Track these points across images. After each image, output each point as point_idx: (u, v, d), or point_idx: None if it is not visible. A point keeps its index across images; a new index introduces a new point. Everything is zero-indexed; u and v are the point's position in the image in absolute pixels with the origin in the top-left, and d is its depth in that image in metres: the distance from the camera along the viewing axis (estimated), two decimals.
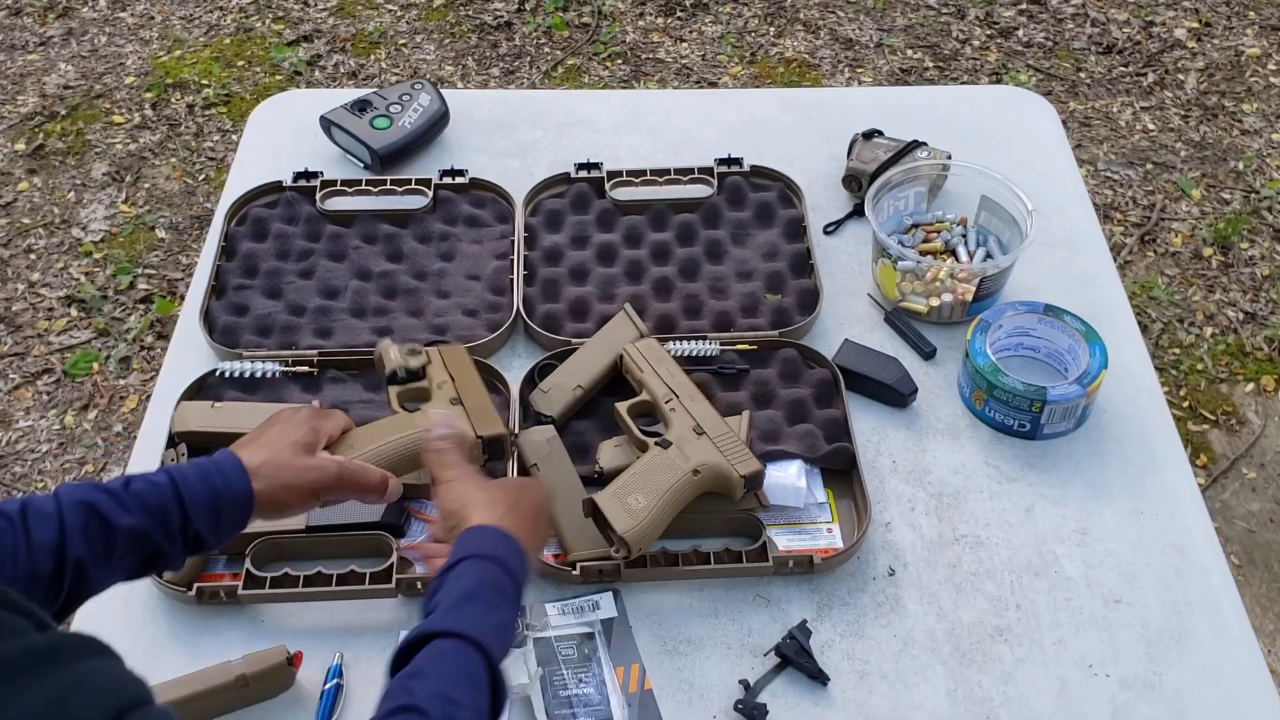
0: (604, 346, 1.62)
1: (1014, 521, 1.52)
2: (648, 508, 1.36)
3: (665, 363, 1.56)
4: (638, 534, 1.35)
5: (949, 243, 1.79)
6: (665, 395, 1.50)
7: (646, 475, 1.39)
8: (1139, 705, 1.35)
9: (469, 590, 1.07)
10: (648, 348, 1.59)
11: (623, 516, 1.35)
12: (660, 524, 1.37)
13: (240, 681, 1.28)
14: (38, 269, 3.24)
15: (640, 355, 1.57)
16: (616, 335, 1.63)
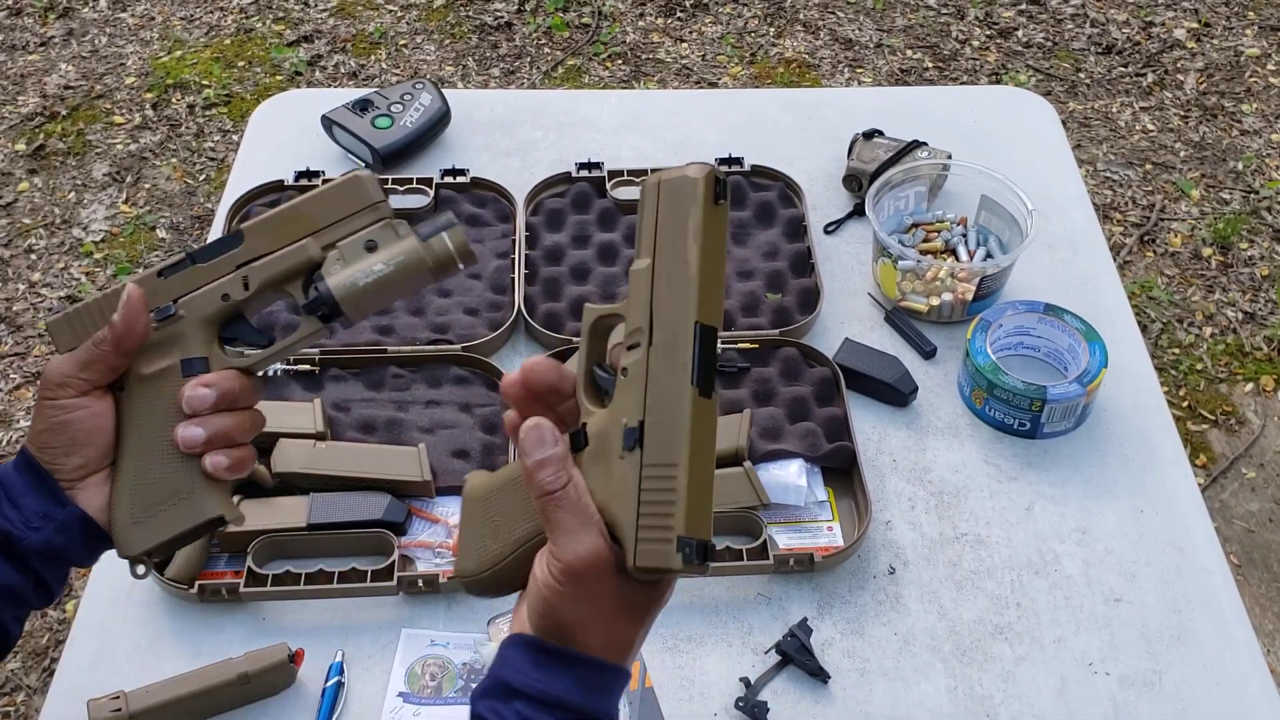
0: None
1: (1014, 520, 1.52)
2: (500, 553, 0.87)
3: (680, 288, 0.83)
4: (476, 580, 0.89)
5: (949, 242, 1.79)
6: (636, 324, 0.84)
7: (521, 504, 0.87)
8: (1139, 704, 1.35)
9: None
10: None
11: (468, 551, 0.89)
12: (508, 579, 0.88)
13: (242, 679, 1.29)
14: (38, 269, 3.25)
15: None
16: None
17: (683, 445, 0.80)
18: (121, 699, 1.26)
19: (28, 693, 2.43)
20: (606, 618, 0.81)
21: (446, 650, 1.37)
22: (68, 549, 0.97)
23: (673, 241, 0.83)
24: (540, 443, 0.83)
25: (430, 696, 1.33)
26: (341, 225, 0.98)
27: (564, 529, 0.80)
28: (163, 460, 0.97)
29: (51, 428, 0.96)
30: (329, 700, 1.32)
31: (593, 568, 0.79)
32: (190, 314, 0.98)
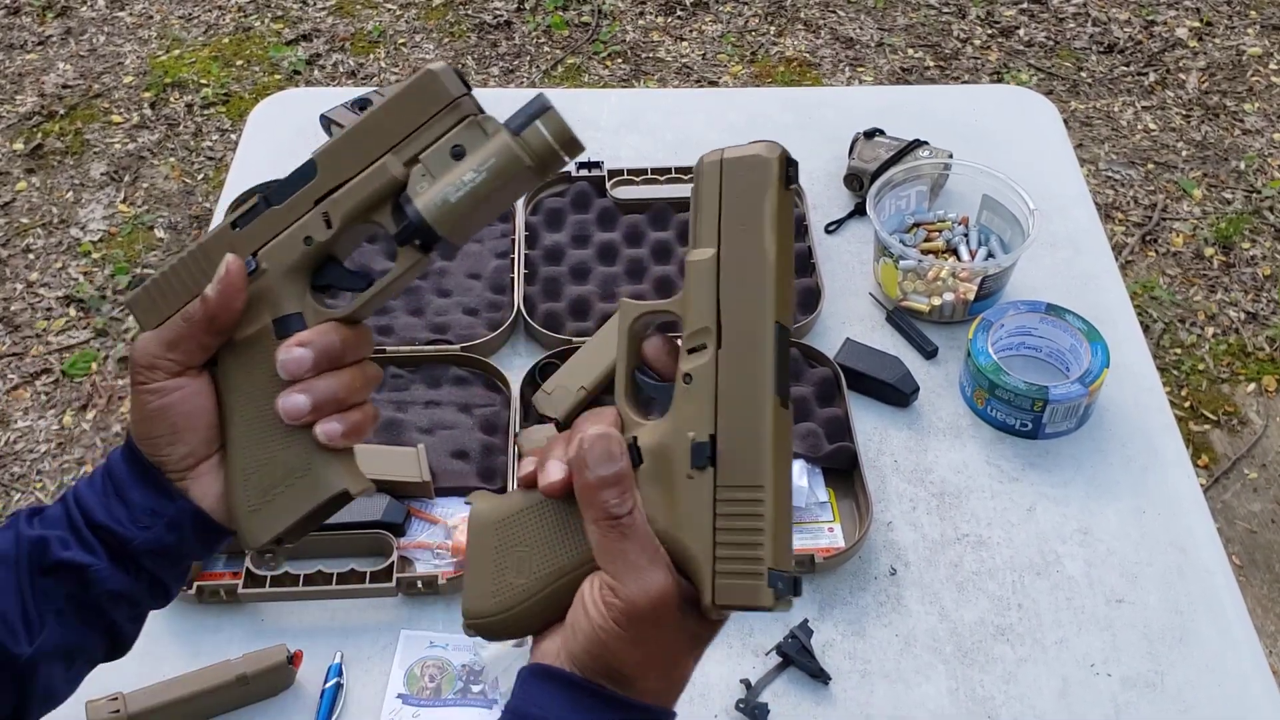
0: (605, 345, 1.61)
1: (1016, 521, 1.51)
2: (527, 589, 0.76)
3: (755, 283, 0.74)
4: (487, 623, 0.78)
5: (950, 242, 1.78)
6: (700, 324, 0.75)
7: (555, 530, 0.76)
8: (1141, 705, 1.35)
9: None
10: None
11: (482, 588, 0.78)
12: (531, 620, 0.77)
13: (240, 680, 1.28)
14: (36, 269, 3.24)
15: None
16: (616, 334, 1.62)
17: (767, 464, 0.70)
18: (120, 700, 1.26)
19: None
20: (666, 660, 0.72)
21: (445, 652, 1.37)
22: (180, 546, 0.87)
23: (743, 229, 0.73)
24: (608, 458, 0.71)
25: (429, 698, 1.33)
26: (422, 133, 0.82)
27: (629, 564, 0.70)
28: (272, 436, 0.84)
29: (149, 416, 0.84)
30: (328, 702, 1.32)
31: (660, 609, 0.70)
32: (273, 266, 0.84)
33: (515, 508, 0.77)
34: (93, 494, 0.86)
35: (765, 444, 0.70)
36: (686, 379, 0.73)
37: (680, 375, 0.74)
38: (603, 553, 0.71)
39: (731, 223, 0.74)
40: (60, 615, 0.84)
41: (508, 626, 0.77)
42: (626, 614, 0.70)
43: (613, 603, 0.70)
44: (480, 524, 0.78)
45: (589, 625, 0.71)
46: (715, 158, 0.76)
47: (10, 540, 0.85)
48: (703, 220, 0.75)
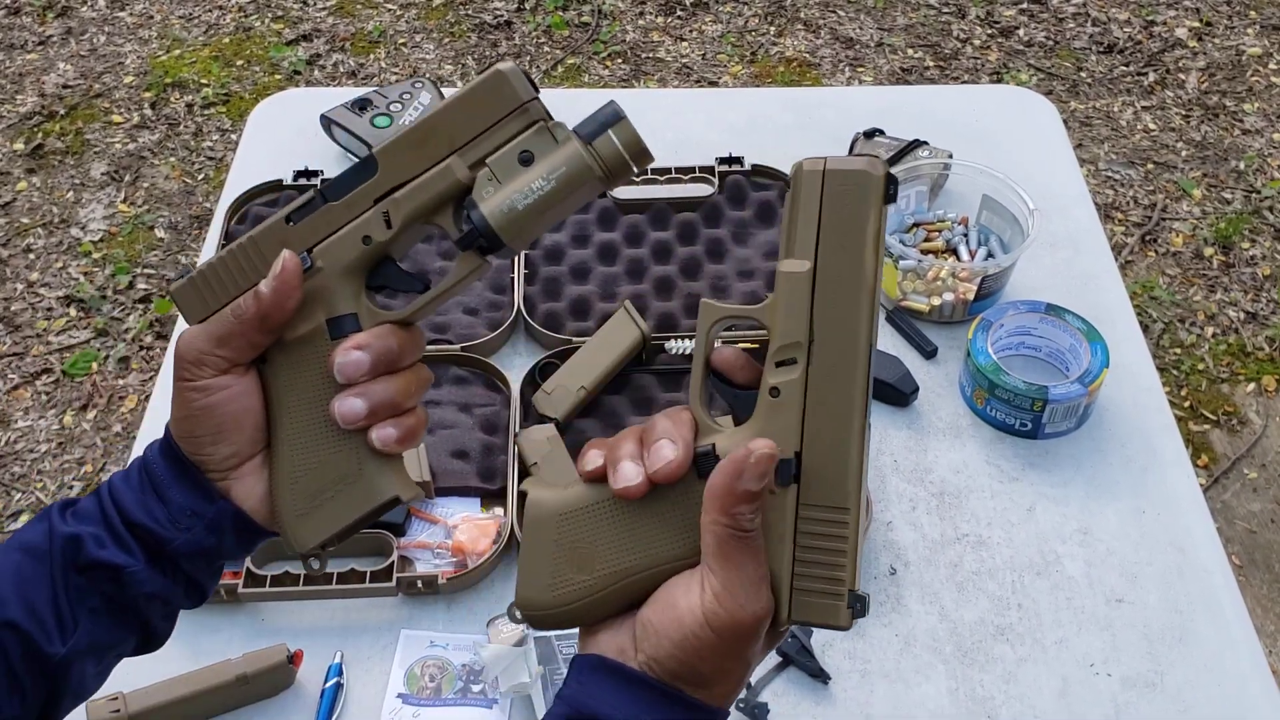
0: (605, 346, 1.61)
1: (1015, 521, 1.51)
2: (590, 586, 0.76)
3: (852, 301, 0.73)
4: (541, 615, 0.77)
5: (950, 242, 1.79)
6: (791, 337, 0.74)
7: (623, 531, 0.75)
8: (1140, 705, 1.35)
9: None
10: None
11: (539, 580, 0.77)
12: (587, 616, 0.77)
13: (240, 680, 1.28)
14: (37, 269, 3.24)
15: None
16: (616, 334, 1.62)
17: (854, 487, 0.71)
18: (120, 700, 1.26)
19: None
20: (742, 669, 0.73)
21: (446, 651, 1.37)
22: (219, 547, 0.85)
23: (843, 245, 0.72)
24: (762, 475, 0.70)
25: (429, 698, 1.33)
26: (489, 136, 0.80)
27: (744, 577, 0.70)
28: (322, 440, 0.82)
29: (193, 414, 0.82)
30: (328, 701, 1.32)
31: (760, 625, 0.71)
32: (329, 264, 0.82)
33: (580, 502, 0.76)
34: (129, 491, 0.84)
35: (853, 467, 0.71)
36: (774, 392, 0.73)
37: (766, 387, 0.73)
38: (721, 559, 0.70)
39: (831, 237, 0.72)
40: (94, 614, 0.83)
41: (560, 621, 0.76)
42: (730, 626, 0.70)
43: (717, 612, 0.70)
44: (541, 514, 0.77)
45: (681, 631, 0.71)
46: (816, 167, 0.73)
47: (43, 534, 0.83)
48: (799, 231, 0.73)
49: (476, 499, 1.50)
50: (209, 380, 0.81)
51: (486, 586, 1.43)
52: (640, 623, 0.73)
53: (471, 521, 1.45)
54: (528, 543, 0.77)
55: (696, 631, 0.70)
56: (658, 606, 0.73)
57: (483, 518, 1.47)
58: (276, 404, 0.83)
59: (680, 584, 0.72)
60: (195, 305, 0.84)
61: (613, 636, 0.75)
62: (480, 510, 1.49)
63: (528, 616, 0.77)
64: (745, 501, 0.70)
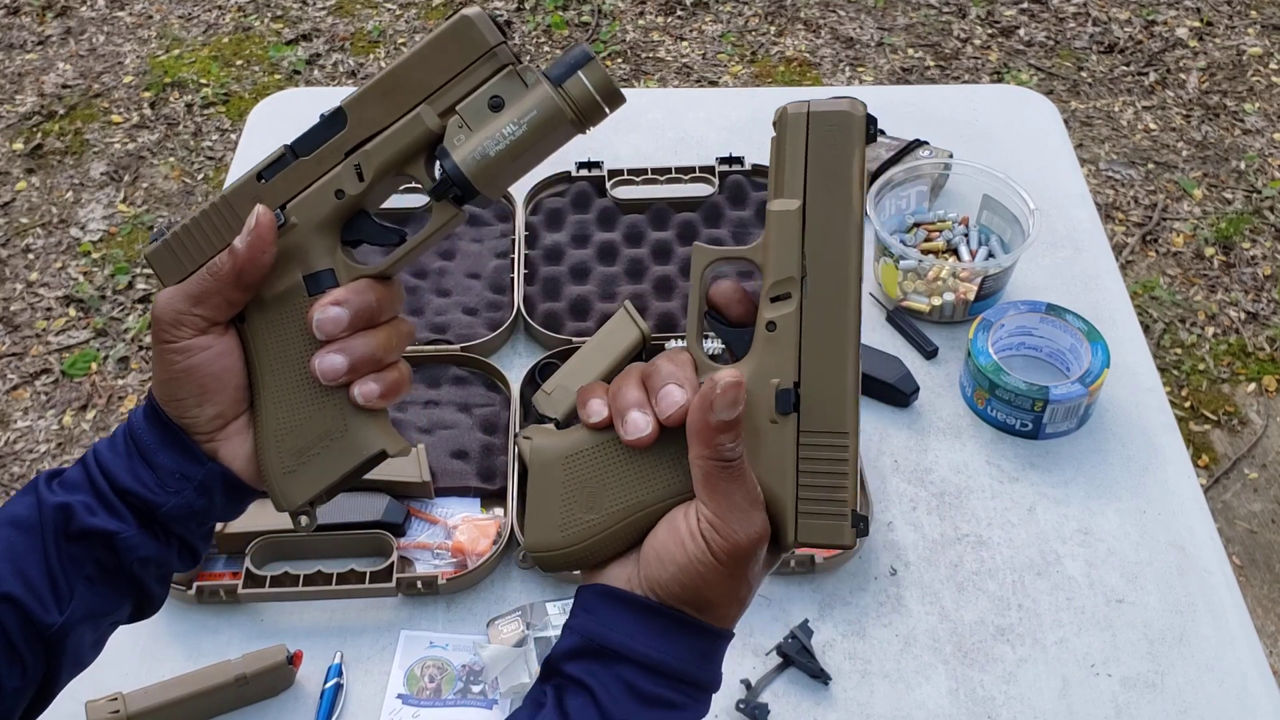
0: (605, 346, 1.61)
1: (1016, 521, 1.51)
2: (599, 524, 0.78)
3: (841, 235, 0.76)
4: (562, 554, 0.79)
5: (951, 242, 1.78)
6: (784, 273, 0.76)
7: (627, 468, 0.77)
8: (1141, 705, 1.35)
9: None
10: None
11: (549, 522, 0.79)
12: (597, 554, 0.79)
13: (240, 681, 1.28)
14: (36, 269, 3.24)
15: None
16: (616, 334, 1.62)
17: (851, 411, 0.74)
18: (119, 700, 1.26)
19: None
20: (746, 591, 0.76)
21: (445, 652, 1.37)
22: (209, 509, 0.85)
23: (832, 182, 0.74)
24: (734, 403, 0.71)
25: (429, 698, 1.33)
26: (458, 82, 0.79)
27: (734, 504, 0.72)
28: (305, 397, 0.82)
29: (175, 377, 0.82)
30: (328, 702, 1.31)
31: (758, 547, 0.74)
32: (303, 219, 0.82)
33: (583, 445, 0.78)
34: (115, 457, 0.84)
35: (849, 393, 0.74)
36: (770, 327, 0.75)
37: (763, 323, 0.76)
38: (709, 491, 0.73)
39: (817, 175, 0.75)
40: (89, 582, 0.83)
41: (571, 559, 0.78)
42: (727, 550, 0.73)
43: (715, 539, 0.73)
44: (545, 459, 0.79)
45: (685, 557, 0.73)
46: (801, 109, 0.76)
47: (31, 506, 0.83)
48: (787, 171, 0.76)
49: (476, 499, 1.50)
50: (189, 341, 0.81)
51: (486, 587, 1.43)
52: (644, 553, 0.76)
53: (471, 522, 1.45)
54: (535, 488, 0.78)
55: (699, 557, 0.73)
56: (660, 536, 0.75)
57: (482, 518, 1.47)
58: (257, 363, 0.83)
59: (680, 514, 0.75)
60: (171, 267, 0.83)
61: (618, 568, 0.77)
62: (480, 510, 1.49)
63: (538, 559, 0.79)
64: (722, 431, 0.72)
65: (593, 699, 0.73)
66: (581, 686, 0.74)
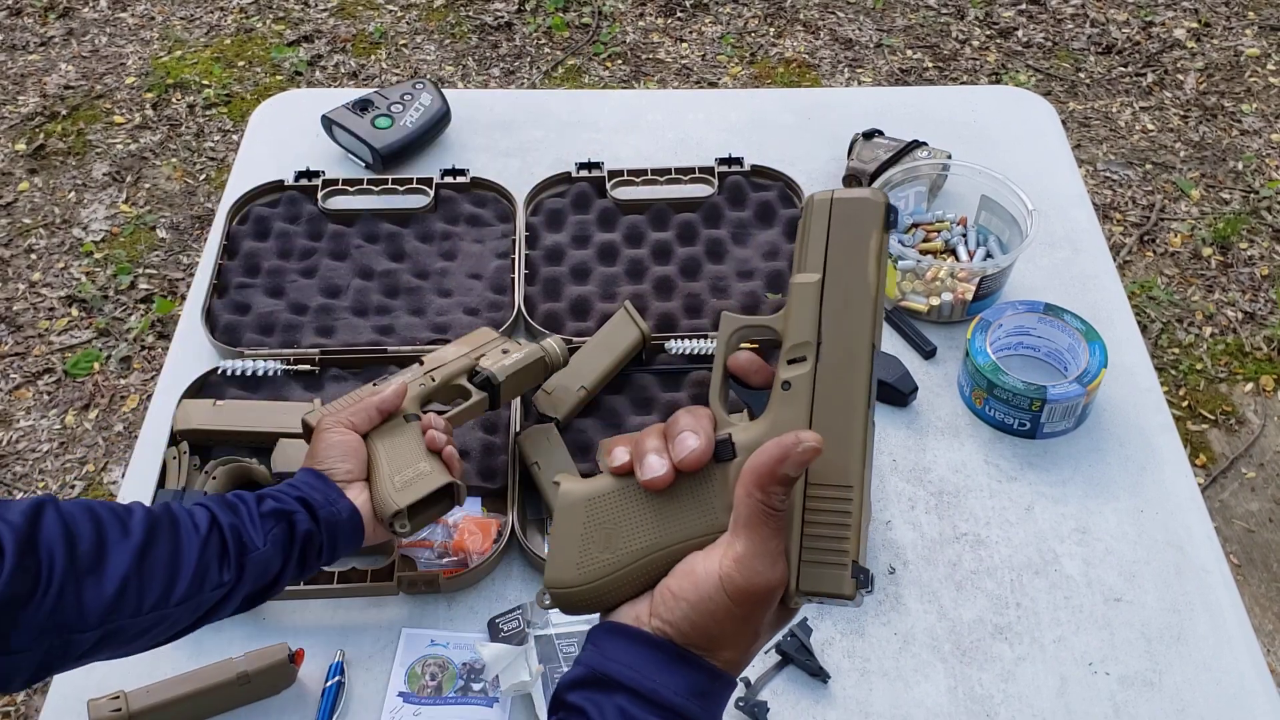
0: (605, 345, 1.62)
1: (1014, 520, 1.52)
2: (614, 563, 0.81)
3: (857, 307, 0.82)
4: (568, 594, 0.83)
5: (949, 242, 1.79)
6: (801, 338, 0.81)
7: (644, 512, 0.81)
8: (1139, 703, 1.35)
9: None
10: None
11: (567, 560, 0.83)
12: (611, 594, 0.82)
13: (242, 679, 1.29)
14: (38, 269, 3.25)
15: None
16: (617, 334, 1.63)
17: (857, 467, 0.78)
18: (121, 699, 1.26)
19: (28, 691, 2.43)
20: (752, 637, 0.79)
21: (446, 650, 1.37)
22: (338, 531, 1.24)
23: (849, 260, 0.81)
24: (801, 464, 0.75)
25: (430, 696, 1.33)
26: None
27: (764, 551, 0.76)
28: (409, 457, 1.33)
29: (329, 445, 1.30)
30: (329, 700, 1.32)
31: (774, 594, 0.77)
32: (409, 399, 1.40)
33: (605, 489, 0.83)
34: (284, 487, 1.26)
35: (857, 449, 0.78)
36: (785, 386, 0.80)
37: (779, 383, 0.81)
38: (749, 529, 0.76)
39: (837, 253, 0.81)
40: (274, 542, 1.19)
41: (587, 598, 0.82)
42: (744, 591, 0.76)
43: (734, 578, 0.76)
44: (569, 501, 0.83)
45: (697, 593, 0.77)
46: (826, 196, 0.83)
47: (233, 496, 1.24)
48: (810, 248, 0.82)
49: (477, 498, 1.51)
50: (340, 430, 1.32)
51: (487, 585, 1.44)
52: (659, 590, 0.79)
53: (472, 521, 1.46)
54: (557, 529, 0.83)
55: (711, 594, 0.76)
56: (677, 574, 0.79)
57: (483, 517, 1.48)
58: (374, 450, 1.33)
59: (700, 555, 0.78)
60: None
61: (629, 607, 0.81)
62: (481, 510, 1.50)
63: (556, 596, 0.83)
64: (782, 484, 0.75)
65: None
66: (580, 714, 0.77)
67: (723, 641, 0.78)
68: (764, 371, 0.83)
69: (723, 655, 0.78)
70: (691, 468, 0.79)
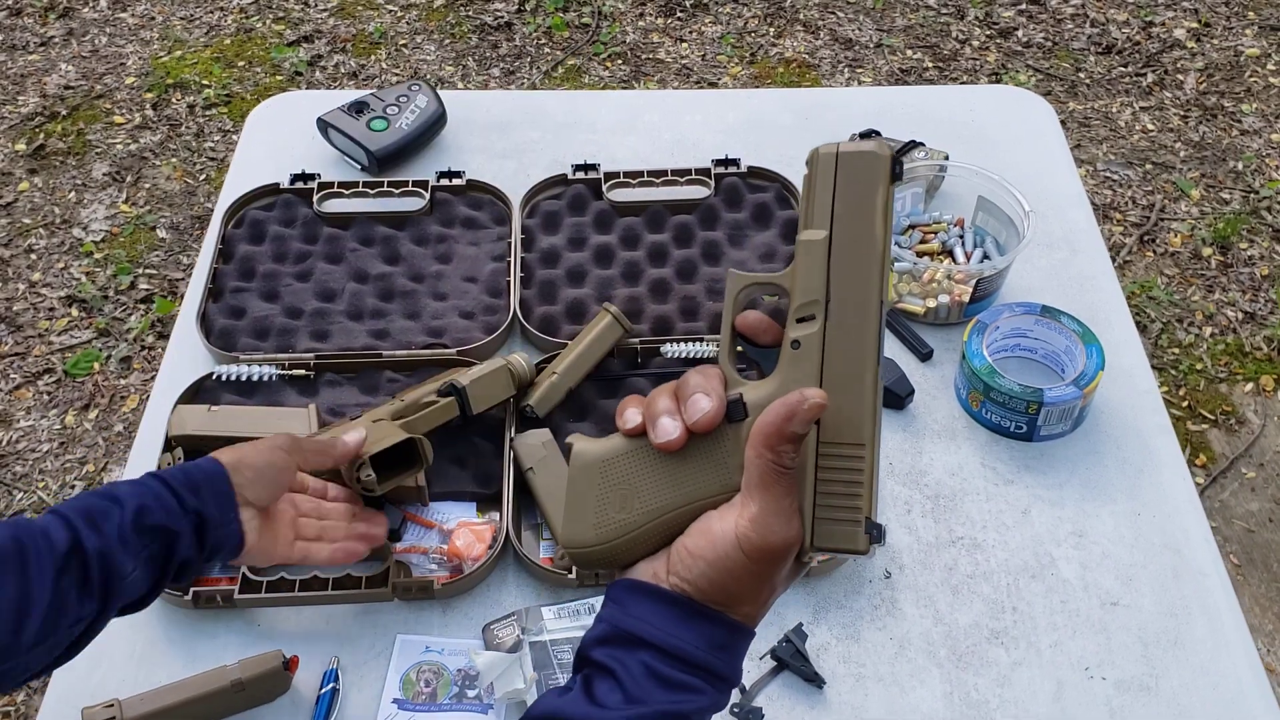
0: (583, 340, 1.61)
1: (1010, 523, 1.52)
2: (630, 523, 0.83)
3: (865, 262, 0.81)
4: (586, 553, 0.84)
5: (946, 244, 1.79)
6: (809, 296, 0.81)
7: (659, 472, 0.82)
8: (1135, 708, 1.35)
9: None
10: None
11: (584, 520, 0.84)
12: (626, 552, 0.84)
13: (236, 686, 1.29)
14: (38, 269, 3.25)
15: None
16: (595, 330, 1.62)
17: (869, 424, 0.79)
18: (116, 706, 1.26)
19: (28, 692, 2.43)
20: (769, 592, 0.81)
21: (441, 656, 1.37)
22: (216, 557, 1.17)
23: (857, 215, 0.80)
24: (810, 422, 0.78)
25: (425, 703, 1.33)
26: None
27: (778, 509, 0.78)
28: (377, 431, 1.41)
29: (265, 463, 1.22)
30: (324, 707, 1.32)
31: (789, 551, 0.79)
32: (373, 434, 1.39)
33: (619, 450, 0.84)
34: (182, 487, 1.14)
35: (868, 407, 0.79)
36: (794, 345, 0.81)
37: (788, 341, 0.81)
38: (761, 489, 0.78)
39: (844, 208, 0.81)
40: (145, 563, 1.09)
41: (603, 556, 0.84)
42: (760, 549, 0.78)
43: (750, 537, 0.77)
44: (583, 462, 0.84)
45: (714, 551, 0.79)
46: (831, 150, 0.82)
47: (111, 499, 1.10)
48: (816, 205, 0.81)
49: (472, 504, 1.50)
50: (287, 454, 1.26)
51: (482, 591, 1.43)
52: (675, 549, 0.81)
53: (467, 526, 1.46)
54: (572, 488, 0.84)
55: (729, 552, 0.78)
56: (694, 533, 0.80)
57: (478, 522, 1.47)
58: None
59: (715, 514, 0.80)
60: None
61: (647, 564, 0.83)
62: (476, 515, 1.49)
63: (572, 554, 0.84)
64: (790, 441, 0.77)
65: (617, 682, 0.79)
66: (607, 672, 0.79)
67: (741, 597, 0.80)
68: (773, 330, 0.83)
69: (741, 610, 0.81)
70: (704, 429, 0.80)
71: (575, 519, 0.84)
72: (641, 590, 0.81)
